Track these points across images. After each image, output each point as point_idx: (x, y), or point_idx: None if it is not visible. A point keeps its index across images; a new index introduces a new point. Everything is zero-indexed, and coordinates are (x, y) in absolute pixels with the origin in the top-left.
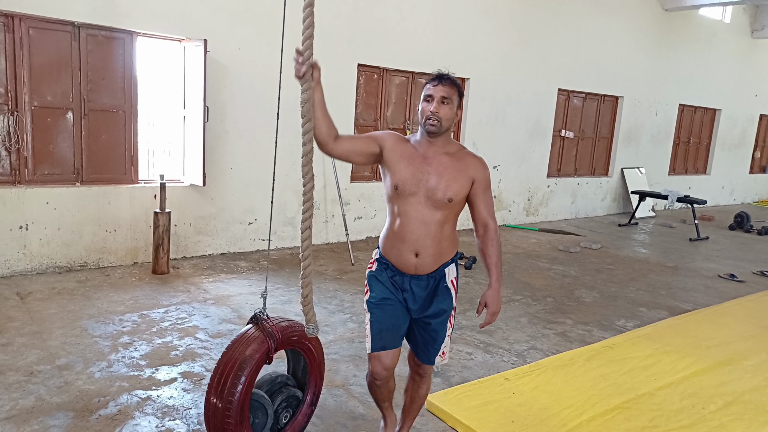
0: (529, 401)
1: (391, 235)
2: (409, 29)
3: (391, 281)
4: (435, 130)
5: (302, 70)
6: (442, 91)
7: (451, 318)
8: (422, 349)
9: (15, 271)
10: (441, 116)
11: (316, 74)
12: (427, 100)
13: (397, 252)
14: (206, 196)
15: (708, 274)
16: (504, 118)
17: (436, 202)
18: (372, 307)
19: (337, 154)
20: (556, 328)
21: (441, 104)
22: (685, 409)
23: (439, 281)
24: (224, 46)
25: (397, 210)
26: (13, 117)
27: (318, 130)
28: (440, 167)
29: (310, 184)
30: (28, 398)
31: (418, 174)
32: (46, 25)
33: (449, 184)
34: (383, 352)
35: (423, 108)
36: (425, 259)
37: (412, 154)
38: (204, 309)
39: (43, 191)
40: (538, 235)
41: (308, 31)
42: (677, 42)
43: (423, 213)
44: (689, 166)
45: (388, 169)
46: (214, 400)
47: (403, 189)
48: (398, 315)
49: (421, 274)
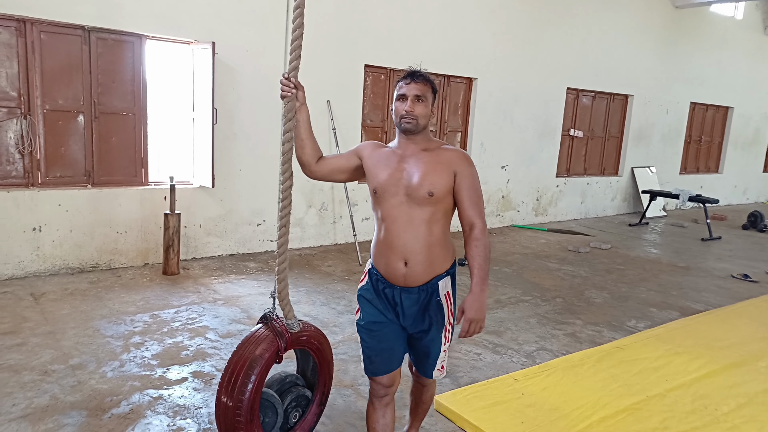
0: (539, 402)
1: (379, 243)
2: (416, 29)
3: (381, 295)
4: (411, 127)
5: (287, 93)
6: (415, 89)
7: (446, 332)
8: (418, 362)
9: (29, 272)
10: (416, 114)
11: (301, 95)
12: (401, 99)
13: (385, 261)
14: (215, 198)
15: (720, 275)
16: (512, 118)
17: (418, 199)
18: (361, 330)
19: (320, 176)
20: (566, 328)
21: (415, 102)
22: (696, 410)
23: (431, 295)
24: (232, 48)
25: (381, 215)
26: (26, 120)
27: (302, 151)
28: (419, 163)
29: (289, 182)
30: (42, 397)
31: (396, 174)
32: (57, 30)
33: (429, 178)
34: (377, 376)
35: (397, 107)
36: (415, 267)
37: (388, 156)
38: (214, 309)
39: (55, 193)
40: (547, 236)
41: (296, 53)
42: (688, 39)
43: (407, 213)
44: (701, 165)
45: (368, 176)
46: (225, 399)
47: (383, 192)
48: (390, 338)
49: (411, 286)
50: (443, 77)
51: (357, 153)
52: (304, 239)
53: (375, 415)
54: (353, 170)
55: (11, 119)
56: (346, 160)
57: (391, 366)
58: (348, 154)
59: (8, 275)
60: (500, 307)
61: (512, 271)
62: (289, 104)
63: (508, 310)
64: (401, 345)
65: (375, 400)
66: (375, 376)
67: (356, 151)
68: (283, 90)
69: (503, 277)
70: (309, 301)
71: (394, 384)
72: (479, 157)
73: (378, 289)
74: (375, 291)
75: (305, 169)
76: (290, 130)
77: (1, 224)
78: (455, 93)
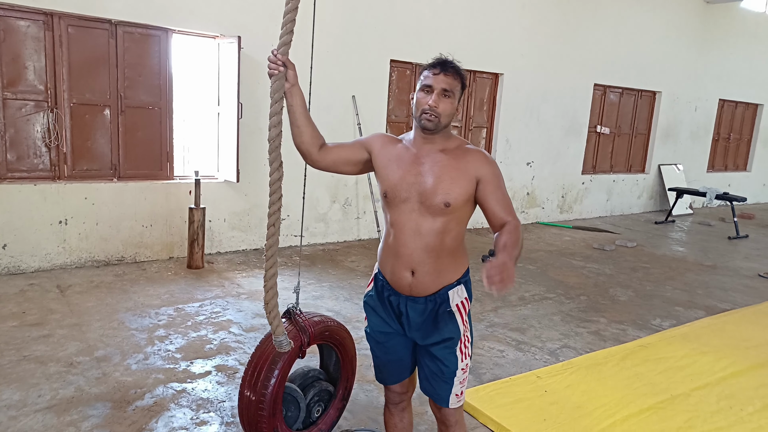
0: (562, 400)
1: (386, 249)
2: (443, 24)
3: (386, 303)
4: (432, 126)
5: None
6: (443, 82)
7: (462, 347)
8: (431, 384)
9: (55, 265)
10: (440, 111)
11: (291, 75)
12: (425, 90)
13: (391, 268)
14: (240, 192)
15: (747, 274)
16: (539, 114)
17: (432, 209)
18: (369, 339)
19: (323, 166)
20: (590, 326)
21: (441, 97)
22: (721, 410)
23: (440, 305)
24: (258, 42)
25: (390, 220)
26: (53, 114)
27: (299, 139)
28: (435, 167)
29: (277, 173)
30: (68, 388)
31: (409, 177)
32: (85, 23)
33: (446, 186)
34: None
35: (419, 99)
36: (422, 277)
37: (401, 154)
38: (238, 303)
39: (81, 187)
40: (572, 233)
41: (287, 27)
42: (718, 35)
43: (417, 222)
44: (729, 163)
45: (378, 176)
46: (248, 393)
47: (394, 196)
48: (398, 350)
49: (418, 295)
50: (469, 72)
51: (366, 146)
52: (328, 234)
53: (392, 420)
54: (360, 163)
55: (38, 112)
56: (352, 152)
57: (402, 375)
58: (355, 144)
59: (35, 267)
60: (524, 305)
61: (536, 269)
62: (277, 83)
63: (532, 307)
64: (410, 355)
65: (391, 406)
66: (386, 383)
67: (365, 143)
68: (270, 67)
69: (527, 275)
70: (332, 296)
71: (408, 390)
72: (504, 153)
73: (383, 297)
74: (380, 298)
75: (306, 159)
76: (277, 113)
77: (29, 217)
78: (481, 89)
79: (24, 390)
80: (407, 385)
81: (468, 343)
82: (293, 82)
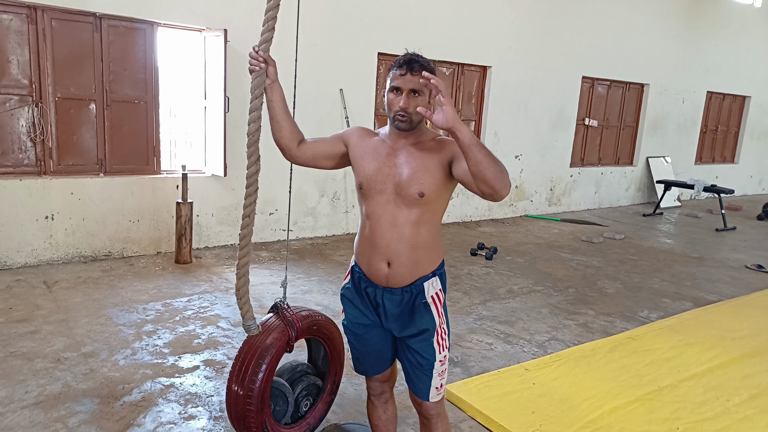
0: (550, 392)
1: (362, 241)
2: (430, 16)
3: (363, 295)
4: (405, 126)
5: (255, 68)
6: (411, 82)
7: (439, 339)
8: (411, 376)
9: (42, 260)
10: (411, 112)
11: (272, 71)
12: (394, 91)
13: (367, 260)
14: (227, 187)
15: (734, 265)
16: (526, 107)
17: (407, 199)
18: (347, 331)
19: (302, 161)
20: (578, 318)
21: (410, 97)
22: (708, 401)
23: (416, 297)
24: (244, 36)
25: (365, 212)
26: (38, 108)
27: (279, 134)
28: (410, 158)
29: (255, 167)
30: (55, 384)
31: (385, 168)
32: (68, 17)
33: (420, 176)
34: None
35: (390, 100)
36: (398, 269)
37: (377, 147)
38: (226, 298)
39: (67, 182)
40: (561, 226)
41: (268, 24)
42: (706, 27)
43: (393, 213)
44: (716, 155)
45: (354, 168)
46: (236, 387)
47: (369, 187)
48: (376, 341)
49: (394, 287)
50: (457, 65)
51: (343, 139)
52: (317, 228)
53: (376, 412)
54: (338, 157)
55: (23, 107)
56: (330, 146)
57: (382, 366)
58: (333, 139)
59: (21, 263)
60: (512, 297)
61: (525, 261)
62: (257, 80)
63: (520, 300)
64: (389, 347)
65: (373, 398)
66: (366, 374)
67: (342, 136)
68: (251, 63)
69: (516, 267)
70: (321, 290)
71: (389, 379)
72: (493, 146)
73: (360, 288)
74: (357, 290)
75: (285, 154)
76: (257, 109)
77: (14, 212)
78: (469, 82)
79: (11, 386)
80: (388, 375)
81: (445, 335)
82: (273, 79)
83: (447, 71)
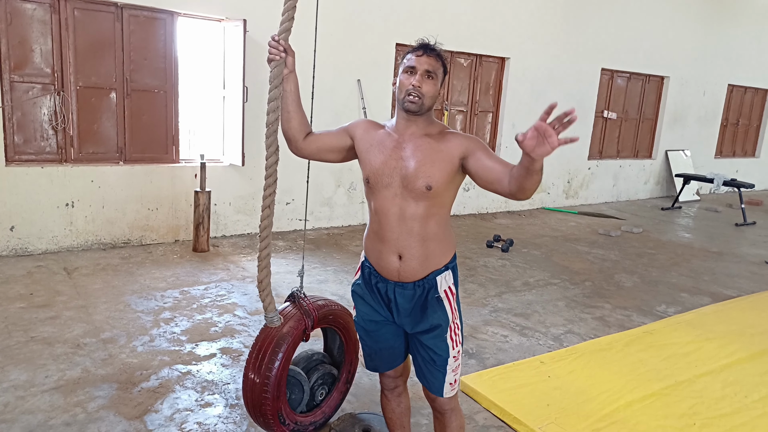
0: (565, 385)
1: (371, 235)
2: (449, 7)
3: (374, 291)
4: (415, 108)
5: (275, 57)
6: (426, 63)
7: (452, 335)
8: (424, 372)
9: (62, 247)
10: (423, 92)
11: (290, 61)
12: (408, 72)
13: (377, 254)
14: (245, 176)
15: (754, 260)
16: (545, 98)
17: (414, 193)
18: (358, 328)
19: (307, 153)
20: (594, 312)
21: (424, 78)
22: (726, 397)
23: (429, 291)
24: (263, 26)
25: (373, 207)
26: (59, 97)
27: (288, 125)
28: (417, 151)
29: (274, 157)
30: (74, 369)
31: (391, 161)
32: (90, 6)
33: (427, 169)
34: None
35: (402, 81)
36: (409, 262)
37: (383, 139)
38: (243, 287)
39: (87, 169)
40: (578, 218)
41: (288, 14)
42: (728, 19)
43: (401, 207)
44: (737, 149)
45: (360, 161)
46: (252, 375)
47: (376, 181)
48: (388, 338)
49: (406, 281)
50: (475, 56)
51: (349, 132)
52: (333, 218)
53: (390, 405)
54: (344, 150)
55: (45, 95)
56: (336, 139)
57: (394, 362)
58: (339, 131)
59: (42, 249)
60: (528, 290)
61: (541, 254)
62: (276, 69)
63: (536, 292)
64: (401, 342)
65: (387, 392)
66: (377, 371)
67: (348, 129)
68: (271, 53)
69: (532, 260)
70: (337, 280)
71: (402, 374)
72: (510, 138)
73: (371, 284)
74: (368, 286)
75: (291, 146)
76: (276, 99)
77: (36, 199)
78: (487, 73)
79: (31, 370)
80: (401, 370)
81: (458, 331)
82: (291, 69)
83: (465, 62)
